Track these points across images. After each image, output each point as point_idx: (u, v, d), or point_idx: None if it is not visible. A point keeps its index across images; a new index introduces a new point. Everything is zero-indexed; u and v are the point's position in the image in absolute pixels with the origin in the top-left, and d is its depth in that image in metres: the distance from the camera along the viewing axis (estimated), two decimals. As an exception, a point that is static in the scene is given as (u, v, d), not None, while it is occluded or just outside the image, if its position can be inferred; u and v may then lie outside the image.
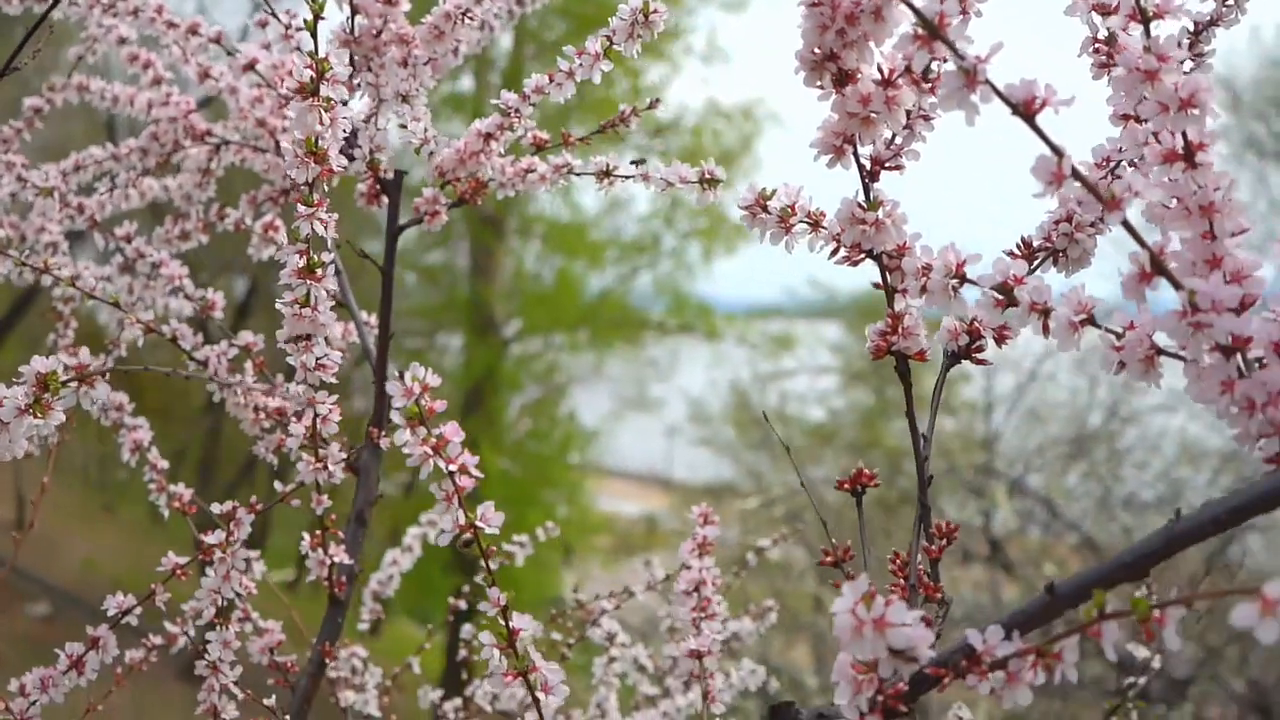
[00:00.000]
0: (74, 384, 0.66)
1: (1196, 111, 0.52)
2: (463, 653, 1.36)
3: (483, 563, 0.65)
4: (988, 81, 0.50)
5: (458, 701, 1.39)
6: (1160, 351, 0.54)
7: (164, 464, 1.09)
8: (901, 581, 0.63)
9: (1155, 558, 0.50)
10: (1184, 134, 0.53)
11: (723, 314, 11.54)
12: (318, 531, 0.95)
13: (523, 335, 11.68)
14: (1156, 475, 7.11)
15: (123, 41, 1.20)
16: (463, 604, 1.43)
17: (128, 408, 1.12)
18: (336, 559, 0.96)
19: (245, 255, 1.21)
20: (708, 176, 0.84)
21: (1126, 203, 0.50)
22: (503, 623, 0.64)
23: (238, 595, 0.97)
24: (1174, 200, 0.54)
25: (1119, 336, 0.55)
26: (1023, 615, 0.52)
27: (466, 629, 1.32)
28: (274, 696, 0.93)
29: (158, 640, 1.10)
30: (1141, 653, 1.12)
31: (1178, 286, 0.51)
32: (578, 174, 0.96)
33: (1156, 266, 0.51)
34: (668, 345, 11.99)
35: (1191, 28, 0.73)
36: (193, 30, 1.10)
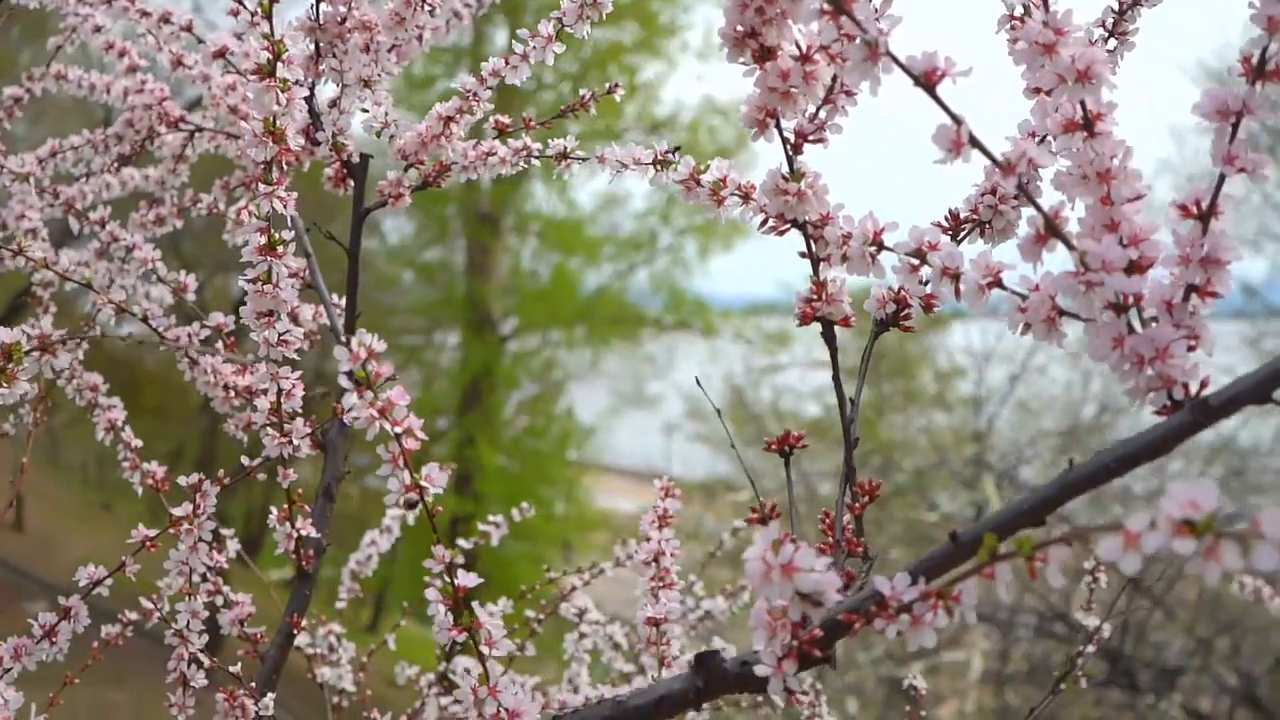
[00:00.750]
0: (36, 353, 0.69)
1: (1094, 83, 0.55)
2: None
3: (432, 530, 0.67)
4: (889, 54, 0.53)
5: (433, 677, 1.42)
6: (1062, 312, 0.57)
7: (137, 442, 1.12)
8: (829, 539, 0.66)
9: (1052, 504, 0.53)
10: (1082, 104, 0.56)
11: (719, 310, 11.57)
12: (285, 506, 0.98)
13: (520, 332, 11.71)
14: (1151, 469, 7.15)
15: (98, 30, 1.23)
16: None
17: (102, 388, 1.15)
18: (304, 532, 0.99)
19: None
20: (660, 158, 0.87)
21: (1019, 168, 0.53)
22: (448, 580, 0.67)
23: (209, 569, 1.00)
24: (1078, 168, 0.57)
25: (1024, 299, 0.58)
26: (929, 562, 0.55)
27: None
28: (239, 665, 0.96)
29: (133, 615, 1.13)
30: (1091, 622, 1.14)
31: (1071, 248, 0.54)
32: (537, 157, 0.99)
33: (1051, 229, 0.54)
34: (664, 342, 12.02)
35: (1117, 6, 0.76)
36: (164, 19, 1.12)
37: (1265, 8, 0.52)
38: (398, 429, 0.64)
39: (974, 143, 0.53)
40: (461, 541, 1.36)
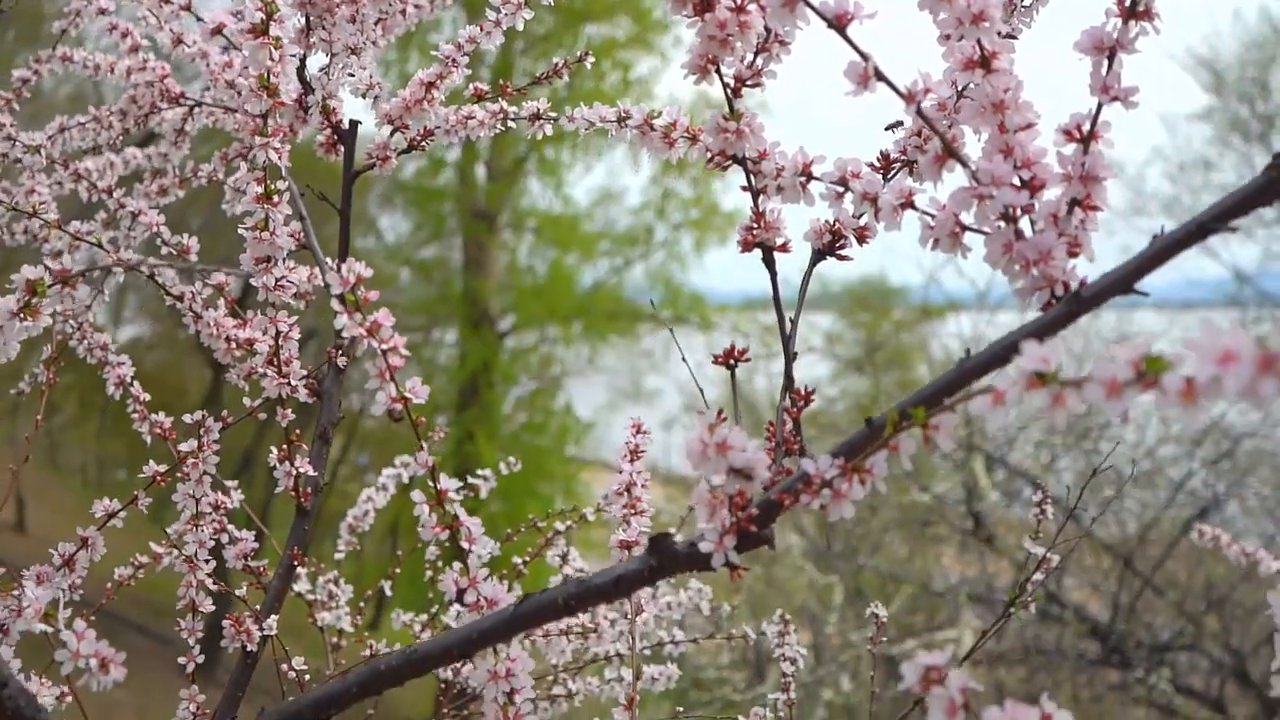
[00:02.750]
0: (57, 287, 0.77)
1: (987, 25, 0.63)
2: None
3: (416, 435, 0.75)
4: (805, 1, 0.60)
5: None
6: (965, 228, 0.65)
7: (146, 396, 1.20)
8: (770, 442, 0.74)
9: (951, 388, 0.61)
10: (979, 43, 0.64)
11: (716, 304, 11.64)
12: (284, 446, 1.06)
13: (517, 329, 11.78)
14: (1142, 451, 7.23)
15: (102, 12, 1.30)
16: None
17: (111, 346, 1.22)
18: (302, 471, 1.06)
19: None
20: (623, 115, 0.95)
21: (920, 98, 0.61)
22: (431, 484, 0.75)
23: (213, 507, 1.08)
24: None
25: (933, 218, 0.66)
26: (847, 445, 0.63)
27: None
28: (244, 587, 1.04)
29: (142, 559, 1.20)
30: (1038, 550, 1.22)
31: (966, 166, 0.61)
32: (512, 119, 1.06)
33: (948, 150, 0.62)
34: (661, 336, 12.08)
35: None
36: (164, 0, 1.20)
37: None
38: (384, 346, 0.72)
39: (879, 76, 0.61)
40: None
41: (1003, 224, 0.61)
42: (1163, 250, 0.56)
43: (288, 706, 0.69)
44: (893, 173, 0.78)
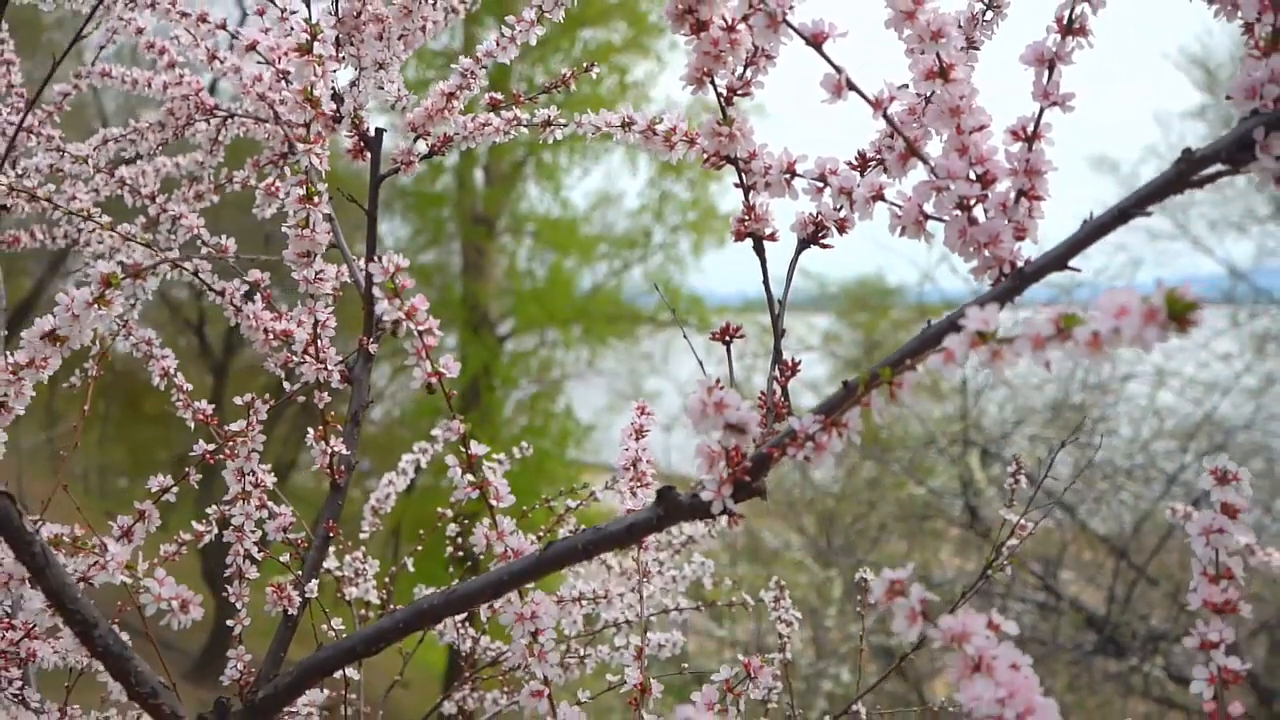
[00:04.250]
0: (129, 279, 0.87)
1: (945, 40, 0.73)
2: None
3: (448, 405, 0.85)
4: (786, 21, 0.70)
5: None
6: (927, 216, 0.75)
7: (189, 386, 1.30)
8: (762, 407, 0.84)
9: (914, 353, 0.70)
10: (939, 56, 0.74)
11: (714, 306, 11.74)
12: (320, 427, 1.16)
13: (517, 332, 11.87)
14: (1138, 446, 7.33)
15: (140, 31, 1.40)
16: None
17: (155, 341, 1.32)
18: (337, 450, 1.16)
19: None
20: (628, 120, 1.05)
21: (886, 105, 0.71)
22: (463, 449, 0.85)
23: (254, 484, 1.17)
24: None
25: (900, 208, 0.76)
26: (826, 404, 0.73)
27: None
28: (287, 555, 1.14)
29: (186, 536, 1.30)
30: (1011, 517, 1.32)
31: (926, 163, 0.71)
32: (525, 125, 1.16)
33: (910, 149, 0.72)
34: (660, 339, 12.18)
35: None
36: (202, 19, 1.30)
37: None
38: (421, 327, 0.82)
39: (851, 86, 0.71)
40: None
41: (959, 212, 0.71)
42: (1091, 232, 0.66)
43: (343, 641, 0.78)
44: (869, 170, 0.88)
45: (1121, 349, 0.51)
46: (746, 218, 0.83)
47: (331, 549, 1.51)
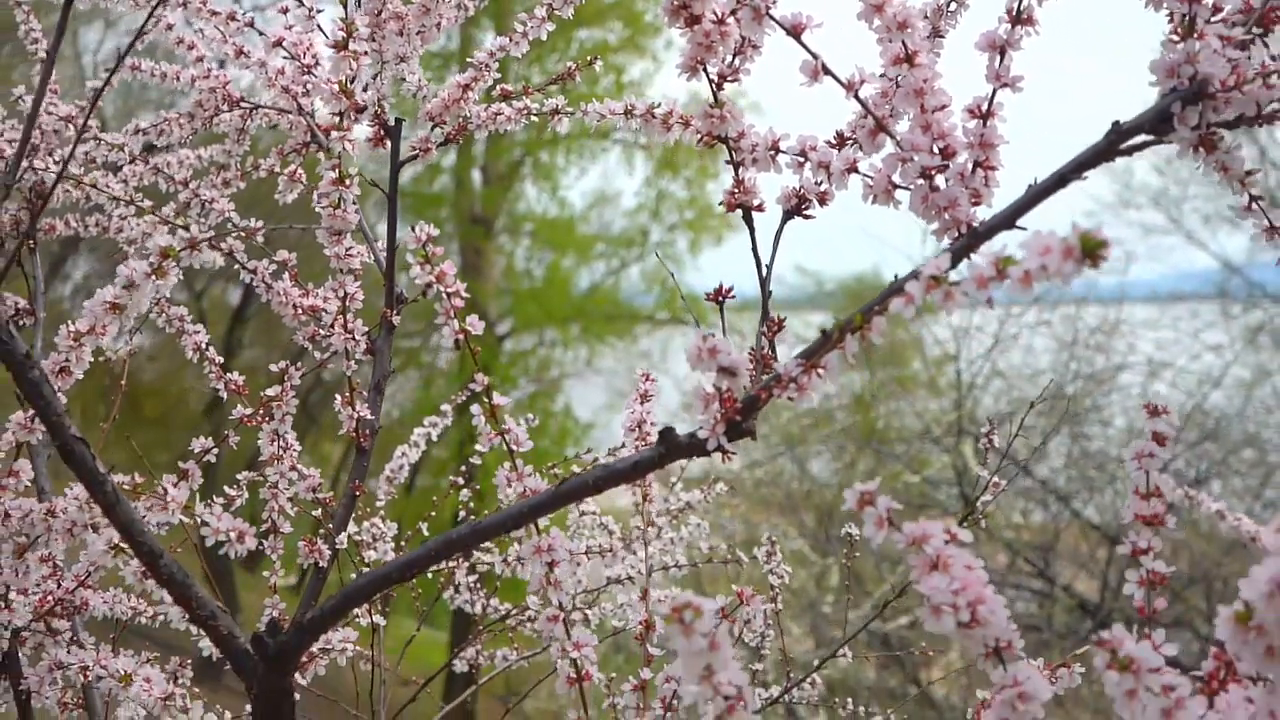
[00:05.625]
0: (188, 250, 0.96)
1: (909, 30, 0.83)
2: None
3: (474, 361, 0.95)
4: (769, 14, 0.80)
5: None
6: (894, 185, 0.85)
7: (220, 359, 1.39)
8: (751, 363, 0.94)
9: (881, 300, 0.80)
10: (904, 44, 0.83)
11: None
12: (347, 393, 1.26)
13: (515, 332, 11.97)
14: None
15: (170, 28, 1.50)
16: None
17: (187, 317, 1.42)
18: (362, 414, 1.26)
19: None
20: (629, 108, 1.14)
21: (859, 83, 0.81)
22: (487, 401, 0.95)
23: (284, 448, 1.27)
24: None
25: (872, 179, 0.86)
26: (806, 351, 0.82)
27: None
28: (319, 510, 1.23)
29: (220, 500, 1.40)
30: (984, 474, 1.42)
31: (893, 138, 0.81)
32: (535, 114, 1.26)
33: (880, 126, 0.82)
34: (658, 337, 12.28)
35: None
36: (230, 17, 1.40)
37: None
38: (449, 290, 0.92)
39: (826, 71, 0.81)
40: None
41: (922, 181, 0.81)
42: (1035, 196, 0.76)
43: (381, 569, 0.88)
44: (846, 147, 0.98)
45: (1053, 283, 0.61)
46: (736, 190, 0.93)
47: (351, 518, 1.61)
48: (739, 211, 0.98)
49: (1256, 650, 0.57)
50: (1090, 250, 0.58)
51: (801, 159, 0.89)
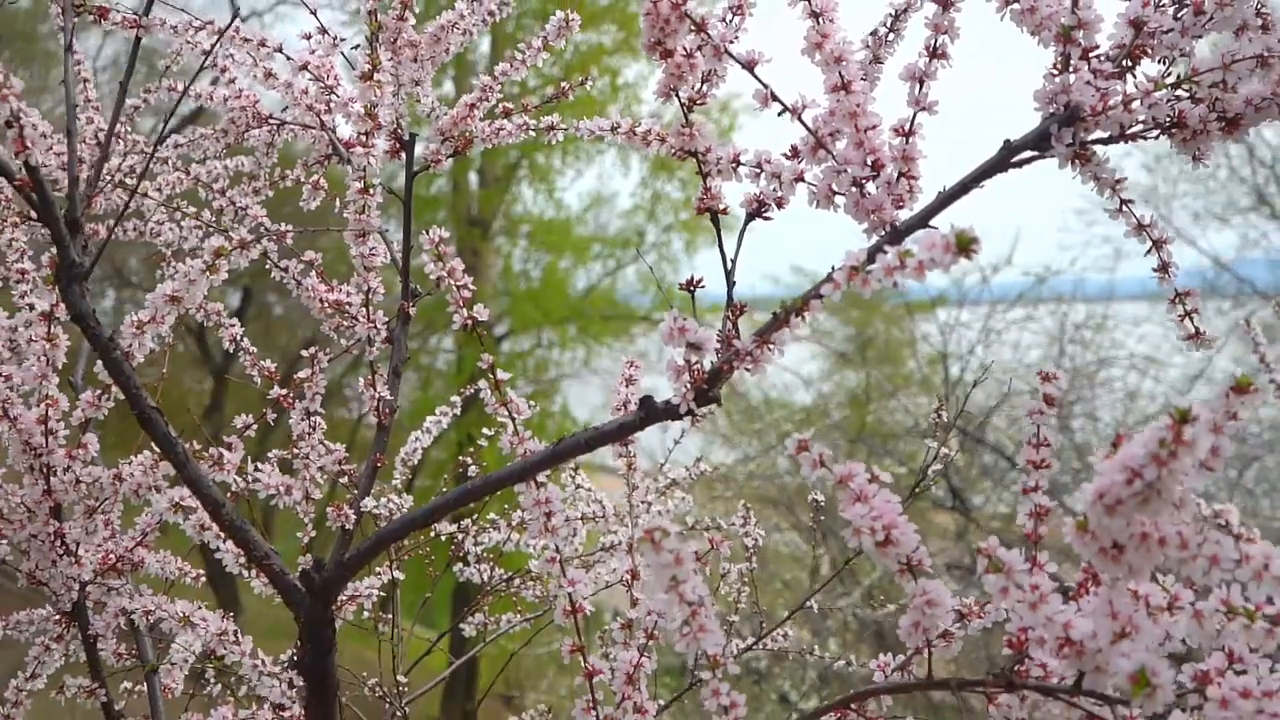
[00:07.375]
0: (238, 249, 1.13)
1: (845, 63, 1.00)
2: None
3: (481, 344, 1.12)
4: (728, 51, 0.97)
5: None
6: (834, 192, 1.02)
7: (254, 349, 1.56)
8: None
9: (819, 286, 0.97)
10: (840, 74, 1.00)
11: (708, 305, 11.97)
12: (369, 375, 1.43)
13: (513, 333, 12.12)
14: (1120, 427, 7.61)
15: (206, 53, 1.67)
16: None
17: (224, 311, 1.59)
18: (383, 394, 1.43)
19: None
20: (615, 125, 1.31)
21: (802, 108, 0.98)
22: (492, 375, 1.12)
23: (310, 428, 1.44)
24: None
25: (815, 188, 1.03)
26: (761, 330, 0.99)
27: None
28: (346, 478, 1.40)
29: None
30: (933, 445, 1.58)
31: (830, 153, 0.98)
32: (534, 130, 1.43)
33: (818, 143, 0.99)
34: (655, 337, 12.43)
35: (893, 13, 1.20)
36: (261, 43, 1.57)
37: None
38: (459, 283, 1.09)
39: (774, 98, 0.98)
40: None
41: (855, 189, 0.98)
42: (941, 201, 0.93)
43: (406, 515, 1.05)
44: (797, 159, 1.15)
45: (939, 270, 0.78)
46: (704, 196, 1.10)
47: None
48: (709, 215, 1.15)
49: (1092, 550, 0.74)
50: (964, 245, 0.75)
51: (758, 170, 1.06)
